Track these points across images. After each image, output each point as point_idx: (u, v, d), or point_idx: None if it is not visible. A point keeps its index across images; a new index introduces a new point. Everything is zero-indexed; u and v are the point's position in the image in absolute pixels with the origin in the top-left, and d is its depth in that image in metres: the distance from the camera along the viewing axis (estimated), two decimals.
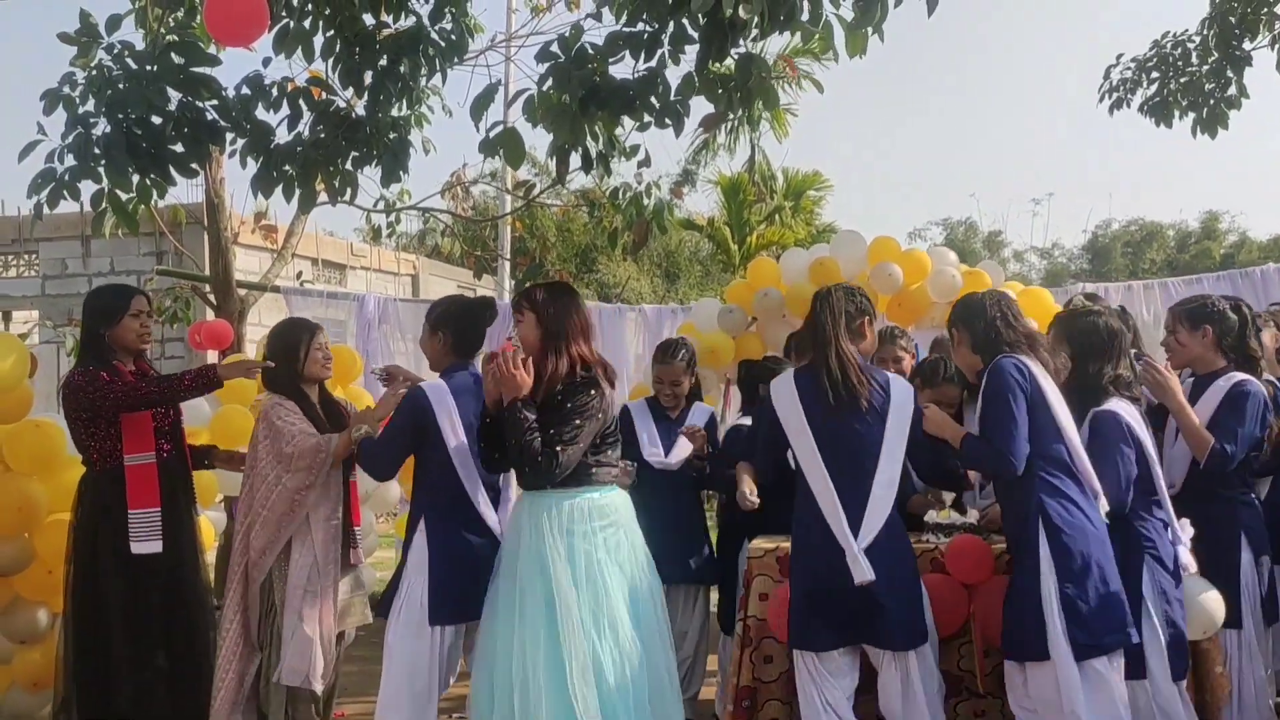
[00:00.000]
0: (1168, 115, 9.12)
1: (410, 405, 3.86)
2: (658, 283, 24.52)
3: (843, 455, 3.52)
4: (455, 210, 9.17)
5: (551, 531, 3.48)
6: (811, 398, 3.55)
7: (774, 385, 3.70)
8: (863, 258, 6.59)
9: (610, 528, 3.56)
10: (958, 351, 3.73)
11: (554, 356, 3.54)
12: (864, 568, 3.40)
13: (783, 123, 20.10)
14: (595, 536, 3.51)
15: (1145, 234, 40.75)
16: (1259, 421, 3.87)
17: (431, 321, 4.04)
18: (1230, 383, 3.90)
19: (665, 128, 4.02)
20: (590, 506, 3.54)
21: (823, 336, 3.57)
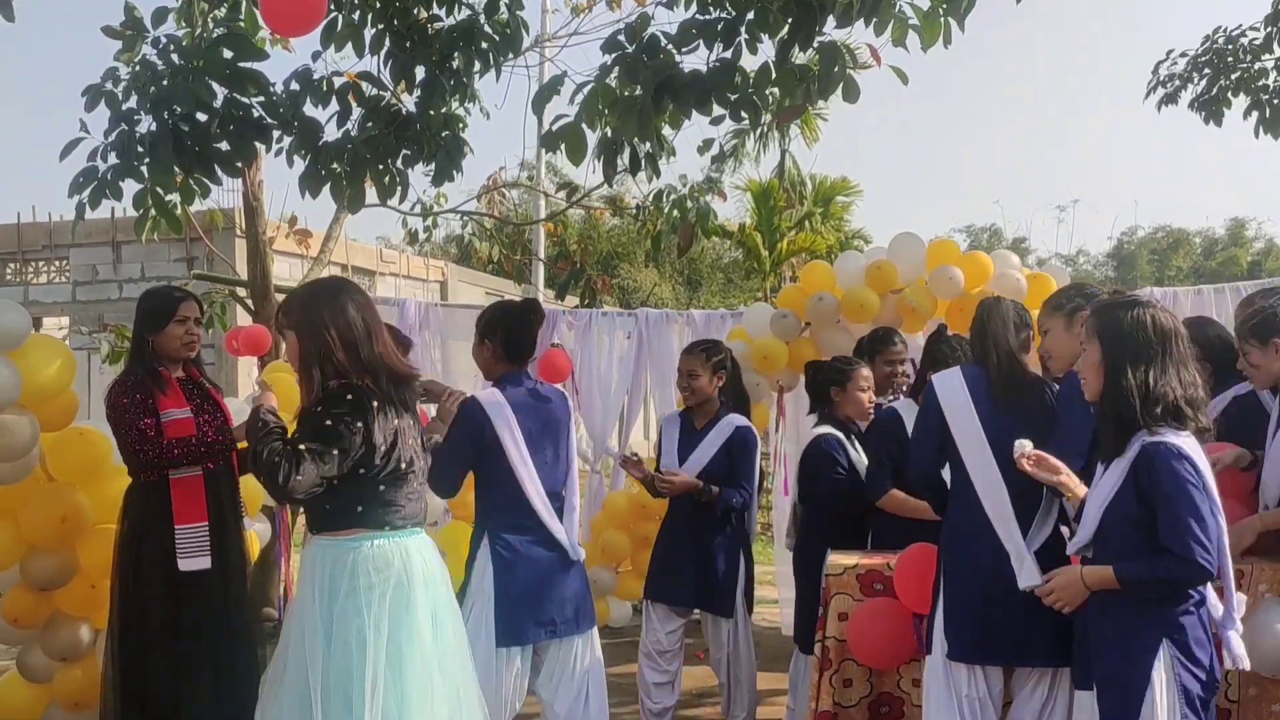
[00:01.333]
0: (1218, 113, 8.90)
1: (467, 418, 3.70)
2: (680, 290, 24.37)
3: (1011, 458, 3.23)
4: (493, 213, 9.00)
5: (315, 585, 2.88)
6: (981, 395, 3.34)
7: (939, 381, 3.45)
8: (921, 261, 6.37)
9: (393, 586, 2.88)
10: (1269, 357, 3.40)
11: (315, 369, 2.93)
12: (1032, 572, 3.14)
13: (813, 128, 19.96)
14: (362, 596, 2.85)
15: (1171, 241, 40.46)
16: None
17: (480, 330, 3.90)
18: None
19: (740, 120, 3.82)
20: (363, 557, 2.89)
21: (994, 343, 3.37)
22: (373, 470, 2.90)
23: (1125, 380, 2.71)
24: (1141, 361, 2.72)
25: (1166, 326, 2.76)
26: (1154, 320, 2.76)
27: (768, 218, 18.48)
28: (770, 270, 17.92)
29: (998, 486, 3.24)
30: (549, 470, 3.76)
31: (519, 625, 3.59)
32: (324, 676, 2.77)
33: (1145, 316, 2.76)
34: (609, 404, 7.30)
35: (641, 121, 3.87)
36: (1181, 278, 34.00)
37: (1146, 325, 2.74)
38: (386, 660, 2.80)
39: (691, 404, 4.60)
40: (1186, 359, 2.77)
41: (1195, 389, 2.74)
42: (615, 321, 7.45)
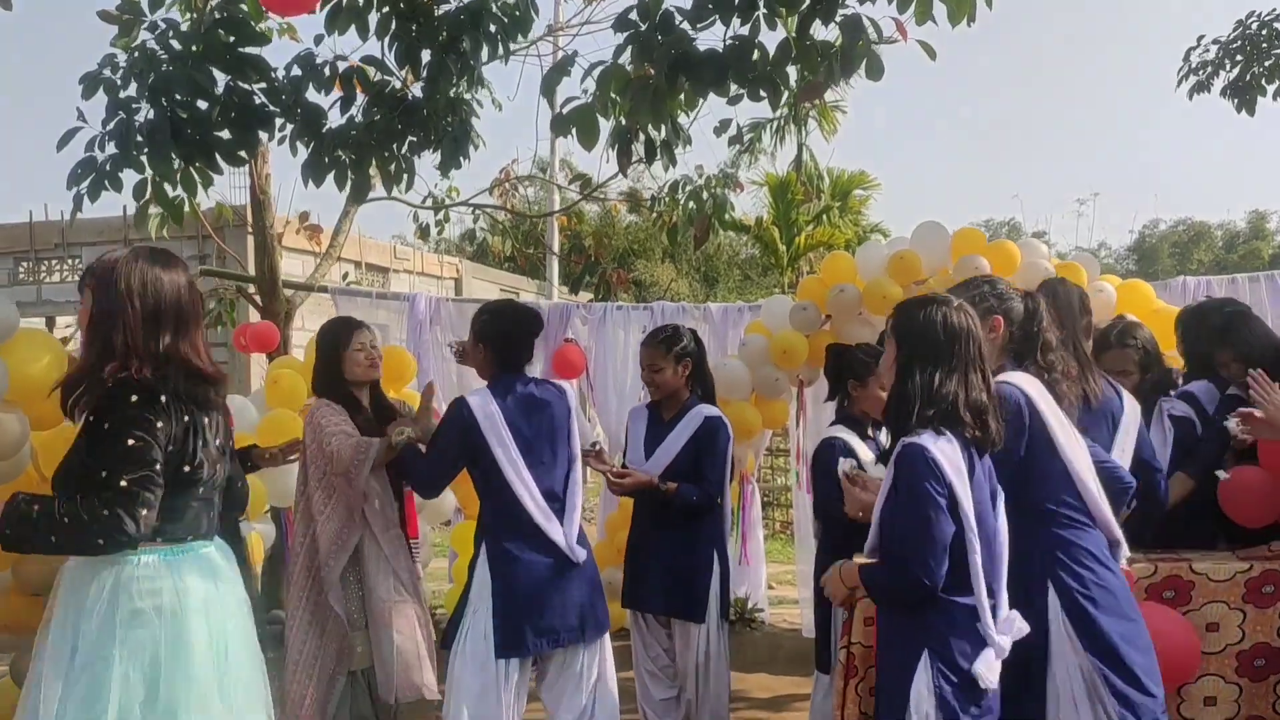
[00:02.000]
0: (1251, 101, 8.67)
1: (452, 421, 3.57)
2: (696, 286, 24.21)
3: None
4: (505, 206, 8.84)
5: (65, 609, 2.46)
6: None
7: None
8: (946, 250, 6.17)
9: (162, 613, 2.42)
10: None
11: (97, 341, 2.48)
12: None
13: (831, 121, 19.74)
14: (119, 625, 2.38)
15: (1193, 234, 40.08)
16: None
17: (475, 332, 3.78)
18: None
19: (759, 100, 3.64)
20: (126, 577, 2.42)
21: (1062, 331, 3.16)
22: (181, 471, 2.49)
23: (913, 380, 2.60)
24: (930, 362, 2.60)
25: (959, 327, 2.61)
26: (945, 320, 2.62)
27: (785, 212, 18.31)
28: (788, 265, 17.77)
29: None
30: (546, 471, 3.60)
31: (519, 636, 3.44)
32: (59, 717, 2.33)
33: (938, 315, 2.62)
34: (624, 399, 7.12)
35: (655, 103, 3.69)
36: (1203, 271, 33.60)
37: (937, 325, 2.61)
38: (145, 701, 2.35)
39: (657, 398, 4.35)
40: (977, 362, 2.62)
41: (981, 394, 2.60)
42: (630, 316, 7.27)
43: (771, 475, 10.80)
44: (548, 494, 3.59)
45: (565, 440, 3.68)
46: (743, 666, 6.08)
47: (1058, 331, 3.09)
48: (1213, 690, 3.42)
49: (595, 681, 3.62)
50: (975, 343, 2.62)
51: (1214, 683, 3.41)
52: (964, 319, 2.63)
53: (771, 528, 10.12)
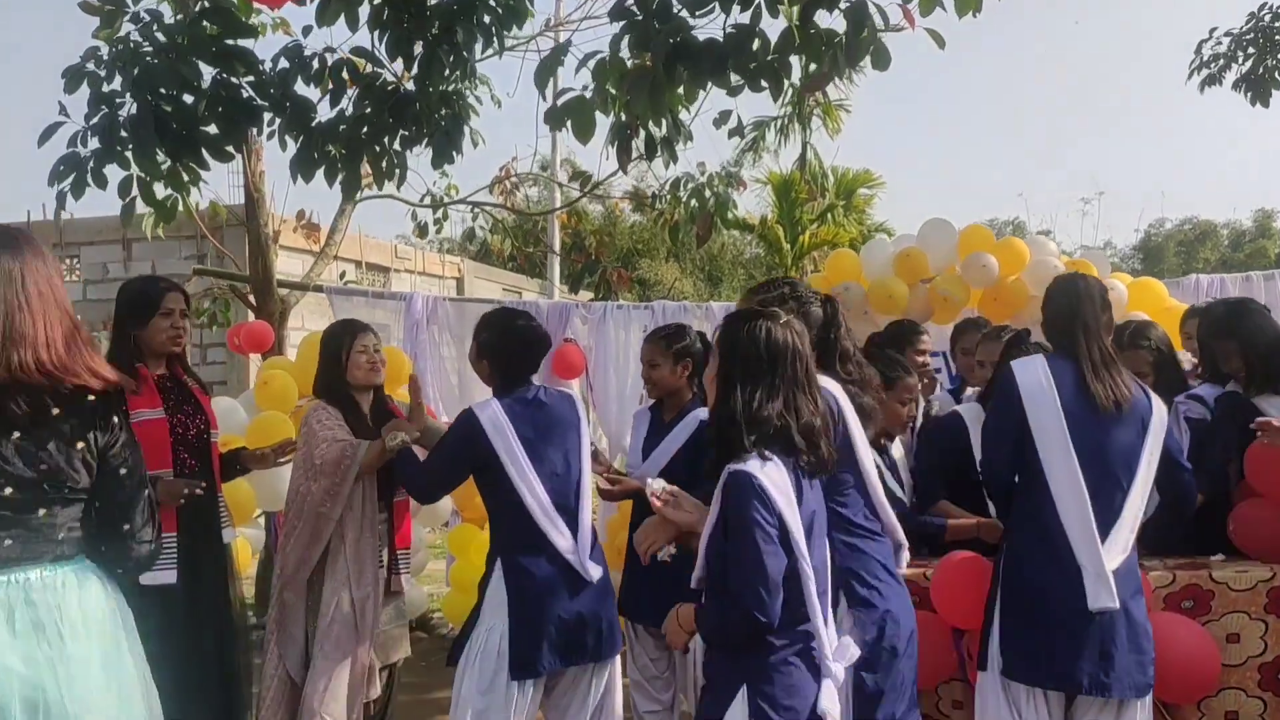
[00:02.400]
0: (1265, 93, 8.53)
1: (463, 430, 3.43)
2: (700, 285, 24.10)
3: (1097, 463, 2.95)
4: (506, 205, 8.72)
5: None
6: (1070, 392, 2.98)
7: (1021, 369, 3.07)
8: (953, 248, 6.05)
9: (50, 636, 2.09)
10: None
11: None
12: (1109, 592, 2.84)
13: (835, 118, 19.60)
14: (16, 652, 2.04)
15: (1199, 233, 39.94)
16: None
17: (478, 343, 3.64)
18: None
19: (760, 90, 3.50)
20: (16, 596, 2.10)
21: (1084, 327, 3.03)
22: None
23: (734, 399, 2.39)
24: (751, 381, 2.39)
25: (783, 345, 2.41)
26: (769, 336, 2.41)
27: (789, 210, 18.19)
28: (792, 264, 17.64)
29: (1078, 494, 2.90)
30: (561, 482, 3.45)
31: (533, 655, 3.28)
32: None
33: (761, 332, 2.41)
34: (624, 399, 6.99)
35: (653, 94, 3.56)
36: (1209, 270, 33.45)
37: (760, 342, 2.40)
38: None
39: (654, 396, 4.19)
40: (805, 383, 2.43)
41: (812, 417, 2.41)
42: (631, 315, 7.14)
43: None
44: (560, 507, 3.43)
45: (576, 448, 3.54)
46: None
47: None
48: (1235, 704, 3.28)
49: (601, 698, 3.46)
50: (803, 361, 2.43)
51: (1236, 696, 3.27)
52: (789, 336, 2.42)
53: None
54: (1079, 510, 2.89)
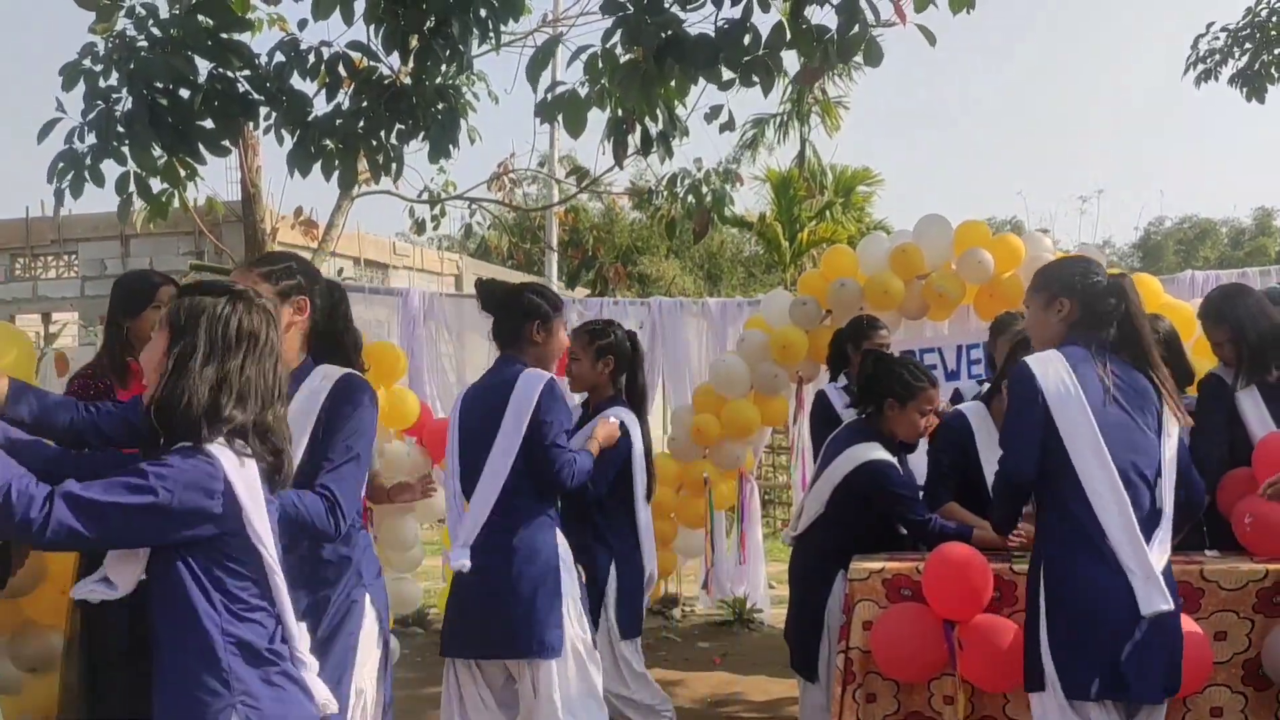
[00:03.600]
0: (1260, 89, 8.52)
1: None
2: (700, 283, 24.09)
3: (1129, 461, 2.85)
4: (503, 200, 8.73)
5: None
6: (1096, 387, 2.86)
7: (1039, 365, 2.90)
8: (949, 244, 6.06)
9: None
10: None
11: None
12: (1161, 594, 2.76)
13: (834, 116, 19.60)
14: None
15: (1198, 231, 39.90)
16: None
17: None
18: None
19: (752, 85, 3.51)
20: None
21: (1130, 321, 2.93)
22: None
23: (184, 381, 1.99)
24: (205, 363, 2.01)
25: (245, 331, 2.05)
26: (227, 320, 2.05)
27: (788, 208, 18.19)
28: (790, 262, 17.64)
29: (1118, 495, 2.78)
30: (470, 469, 3.44)
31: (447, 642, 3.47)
32: None
33: (221, 311, 2.05)
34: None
35: (645, 87, 3.57)
36: (1209, 268, 33.46)
37: (219, 323, 2.04)
38: None
39: (574, 390, 4.13)
40: (266, 374, 2.07)
41: (268, 415, 2.05)
42: (627, 310, 7.18)
43: (772, 473, 10.69)
44: (468, 494, 3.43)
45: (494, 434, 3.38)
46: (740, 668, 5.97)
47: None
48: (1219, 700, 3.28)
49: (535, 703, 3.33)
50: (267, 349, 2.08)
51: (1220, 692, 3.27)
52: (255, 321, 2.08)
53: (772, 525, 10.00)
54: (1120, 511, 2.77)
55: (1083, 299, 2.94)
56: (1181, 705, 3.23)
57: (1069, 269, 3.06)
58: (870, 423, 3.93)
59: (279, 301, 2.56)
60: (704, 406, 6.57)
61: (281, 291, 2.61)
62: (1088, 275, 2.98)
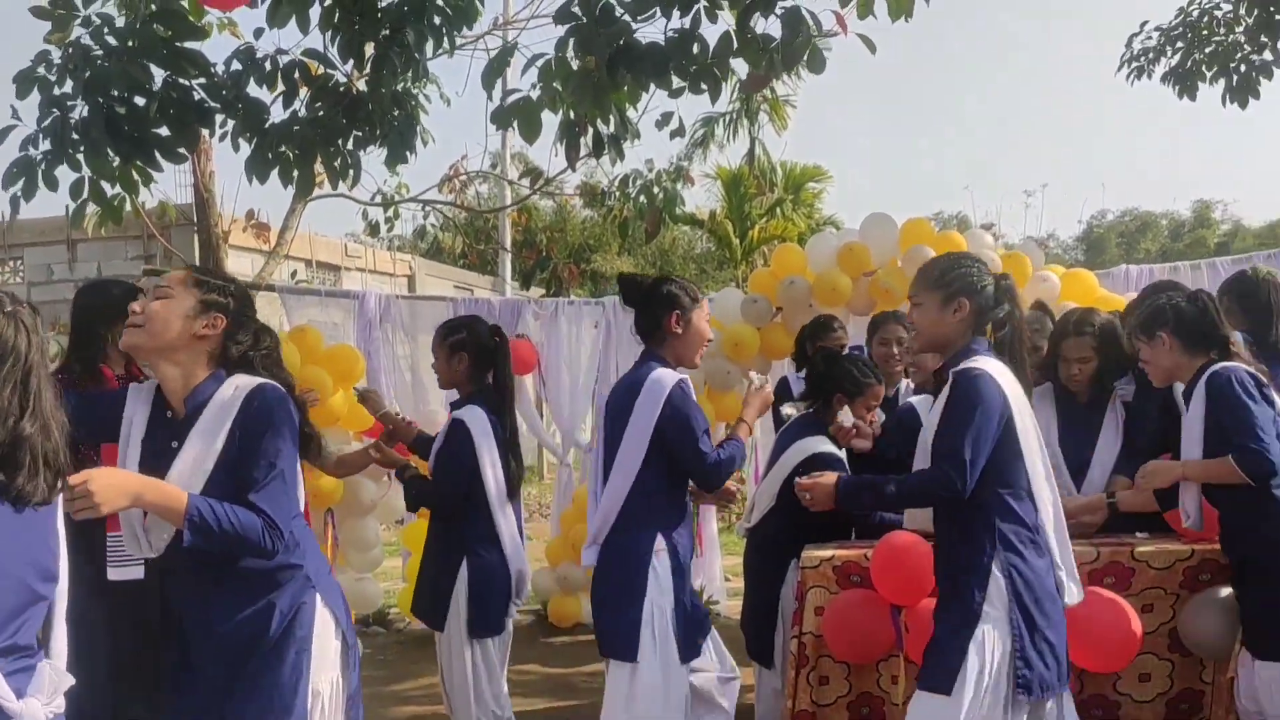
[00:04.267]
0: (1192, 87, 8.80)
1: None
2: None
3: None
4: (456, 203, 8.79)
5: None
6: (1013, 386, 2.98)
7: (995, 369, 2.91)
8: (894, 242, 6.23)
9: None
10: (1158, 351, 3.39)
11: None
12: (1079, 587, 2.92)
13: (782, 114, 19.83)
14: None
15: (1139, 224, 40.76)
16: None
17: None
18: None
19: (700, 93, 3.64)
20: None
21: (1015, 324, 3.04)
22: None
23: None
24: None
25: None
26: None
27: (738, 205, 18.37)
28: (742, 258, 17.82)
29: (1055, 494, 2.93)
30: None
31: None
32: None
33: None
34: (577, 395, 7.11)
35: (597, 95, 3.69)
36: (1150, 260, 34.22)
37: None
38: None
39: (442, 388, 4.20)
40: (30, 394, 1.97)
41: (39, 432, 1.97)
42: (582, 310, 7.25)
43: None
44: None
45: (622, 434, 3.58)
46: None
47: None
48: (1148, 668, 3.49)
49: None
50: (26, 367, 1.96)
51: (1148, 660, 3.47)
52: (14, 334, 1.96)
53: (727, 519, 10.15)
54: (1056, 510, 2.90)
55: (980, 301, 2.96)
56: (1114, 674, 3.42)
57: (966, 268, 3.04)
58: (819, 417, 4.09)
59: (198, 310, 2.60)
60: None
61: (204, 301, 2.62)
62: (984, 276, 3.02)
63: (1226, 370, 3.23)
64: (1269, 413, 3.15)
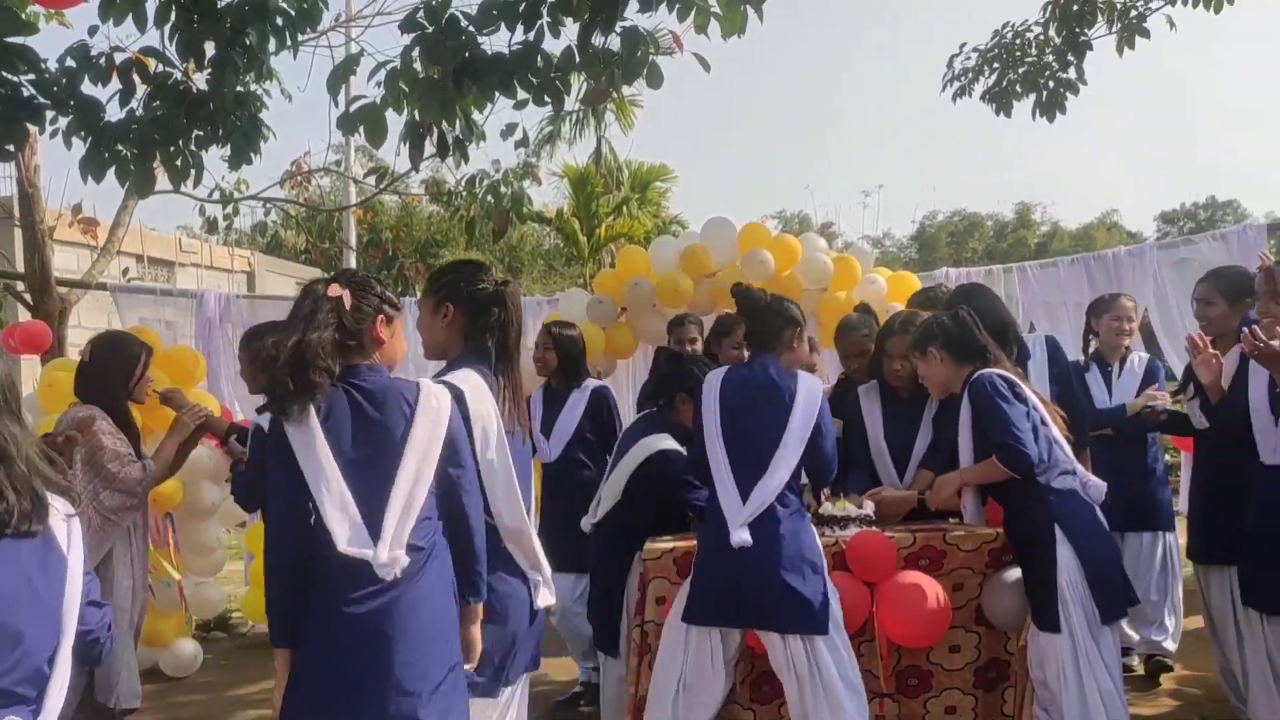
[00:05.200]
0: (1008, 104, 9.40)
1: None
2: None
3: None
4: (299, 201, 8.64)
5: None
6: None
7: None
8: (733, 245, 6.49)
9: None
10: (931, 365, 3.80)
11: None
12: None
13: (628, 114, 20.09)
14: None
15: (967, 224, 42.87)
16: None
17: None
18: None
19: (544, 105, 3.77)
20: None
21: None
22: None
23: None
24: None
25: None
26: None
27: (585, 204, 18.53)
28: (590, 256, 17.99)
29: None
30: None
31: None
32: None
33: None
34: None
35: (444, 104, 3.77)
36: (976, 259, 36.09)
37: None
38: None
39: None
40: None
41: None
42: None
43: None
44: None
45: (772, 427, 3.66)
46: (548, 652, 6.20)
47: None
48: (957, 640, 3.81)
49: (797, 673, 3.47)
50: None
51: (958, 633, 3.80)
52: None
53: None
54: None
55: (469, 306, 3.05)
56: (927, 646, 3.73)
57: (464, 275, 3.11)
58: (662, 415, 4.28)
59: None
60: None
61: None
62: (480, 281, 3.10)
63: (982, 376, 3.61)
64: (1022, 409, 3.53)
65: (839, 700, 3.33)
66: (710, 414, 3.59)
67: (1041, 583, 3.47)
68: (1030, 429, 3.52)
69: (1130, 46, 8.15)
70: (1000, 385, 3.57)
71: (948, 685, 3.85)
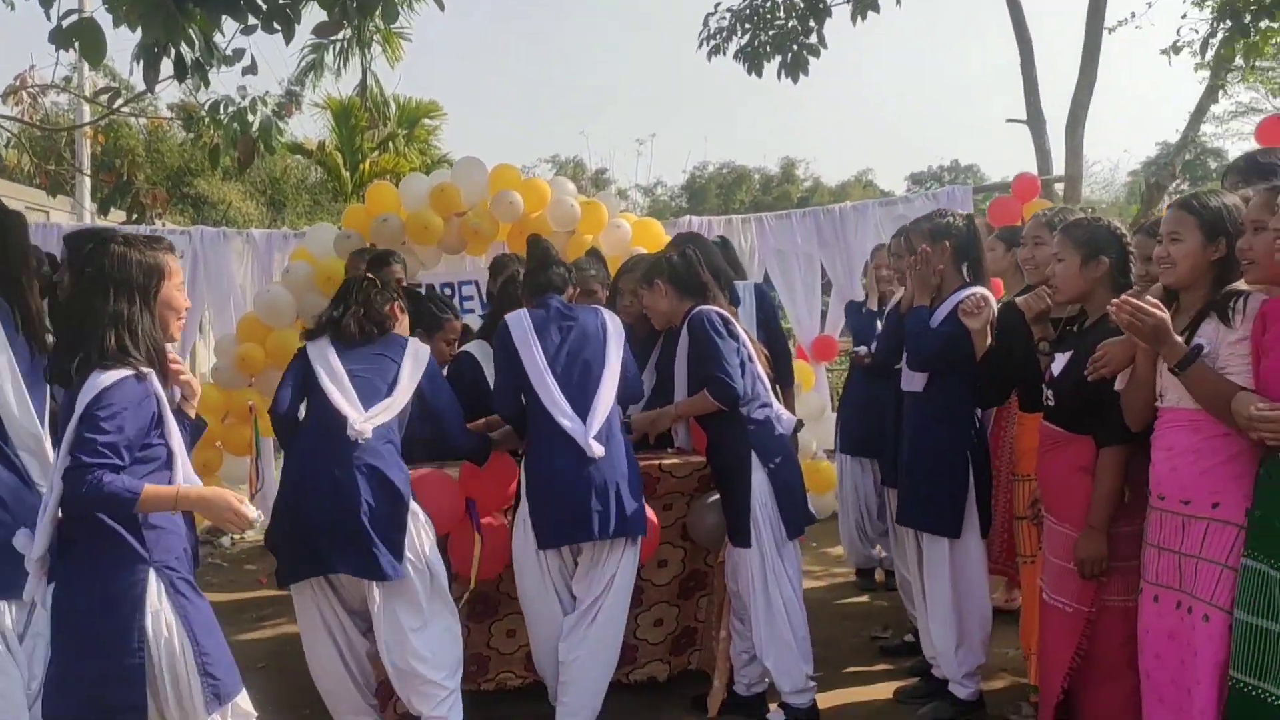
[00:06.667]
0: (759, 64, 9.86)
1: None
2: (263, 210, 23.17)
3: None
4: (22, 117, 8.01)
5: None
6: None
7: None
8: (484, 185, 6.57)
9: None
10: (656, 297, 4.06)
11: None
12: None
13: (395, 47, 19.55)
14: None
15: (735, 177, 44.30)
16: None
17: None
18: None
19: (274, 32, 3.73)
20: None
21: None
22: None
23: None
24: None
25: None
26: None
27: (349, 138, 18.00)
28: (353, 192, 17.51)
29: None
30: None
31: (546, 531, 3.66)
32: None
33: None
34: None
35: (168, 25, 3.65)
36: (744, 209, 37.44)
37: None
38: None
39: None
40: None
41: None
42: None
43: None
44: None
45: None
46: None
47: None
48: (665, 555, 4.16)
49: (612, 579, 3.67)
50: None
51: (665, 549, 4.14)
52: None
53: None
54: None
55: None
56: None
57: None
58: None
59: None
60: (249, 336, 6.66)
61: None
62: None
63: (701, 312, 3.93)
64: (733, 345, 3.86)
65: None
66: (530, 347, 3.73)
67: (738, 504, 3.82)
68: (739, 364, 3.85)
69: (863, 17, 8.72)
70: (716, 321, 3.89)
71: (656, 600, 4.18)
